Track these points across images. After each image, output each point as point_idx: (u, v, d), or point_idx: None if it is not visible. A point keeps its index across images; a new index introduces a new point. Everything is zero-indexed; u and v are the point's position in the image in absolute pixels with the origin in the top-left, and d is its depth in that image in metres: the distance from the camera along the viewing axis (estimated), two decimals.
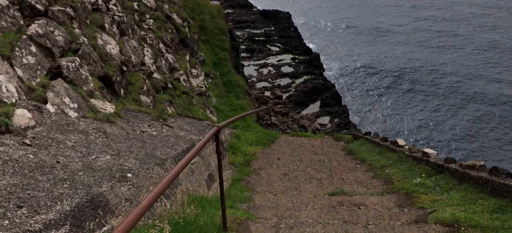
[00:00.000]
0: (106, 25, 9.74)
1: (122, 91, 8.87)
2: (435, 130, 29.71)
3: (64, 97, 6.35)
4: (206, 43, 16.62)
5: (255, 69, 33.32)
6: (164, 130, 7.89)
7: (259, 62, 34.45)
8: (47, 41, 6.91)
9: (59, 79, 6.59)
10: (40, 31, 6.83)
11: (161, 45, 12.54)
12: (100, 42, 8.97)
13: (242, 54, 34.82)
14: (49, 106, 5.98)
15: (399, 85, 35.94)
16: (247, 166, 8.90)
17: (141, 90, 9.39)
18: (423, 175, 7.44)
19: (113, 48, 9.25)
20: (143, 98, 9.35)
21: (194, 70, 13.71)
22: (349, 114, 31.27)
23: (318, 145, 11.71)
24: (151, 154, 6.28)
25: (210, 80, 14.78)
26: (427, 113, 31.95)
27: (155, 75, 10.51)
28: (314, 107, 31.48)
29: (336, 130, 30.42)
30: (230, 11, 42.05)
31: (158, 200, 4.44)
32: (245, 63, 33.55)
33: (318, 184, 7.60)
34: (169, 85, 10.89)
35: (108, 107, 7.37)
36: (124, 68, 9.25)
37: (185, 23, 15.78)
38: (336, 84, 34.55)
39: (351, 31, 47.52)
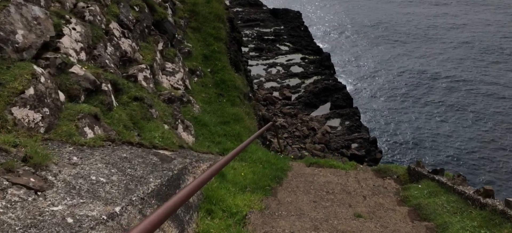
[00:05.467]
0: None
1: None
2: (451, 142, 24.12)
3: None
4: (196, 31, 11.36)
5: (264, 69, 28.48)
6: (3, 203, 2.66)
7: (268, 61, 29.45)
8: None
9: None
10: None
11: (113, 25, 7.25)
12: None
13: (251, 53, 29.75)
14: None
15: (413, 88, 30.29)
16: None
17: (18, 96, 4.14)
18: None
19: None
20: (21, 112, 4.10)
21: (169, 65, 8.44)
22: (360, 117, 26.46)
23: (354, 187, 6.31)
24: None
25: (196, 79, 9.47)
26: (442, 122, 26.33)
27: (76, 68, 5.23)
28: (324, 109, 26.94)
29: (348, 133, 25.52)
30: (239, 9, 36.69)
31: None
32: (254, 62, 28.66)
33: None
34: (105, 87, 5.59)
35: None
36: None
37: (167, 4, 10.49)
38: (347, 85, 29.31)
39: (363, 31, 41.68)
